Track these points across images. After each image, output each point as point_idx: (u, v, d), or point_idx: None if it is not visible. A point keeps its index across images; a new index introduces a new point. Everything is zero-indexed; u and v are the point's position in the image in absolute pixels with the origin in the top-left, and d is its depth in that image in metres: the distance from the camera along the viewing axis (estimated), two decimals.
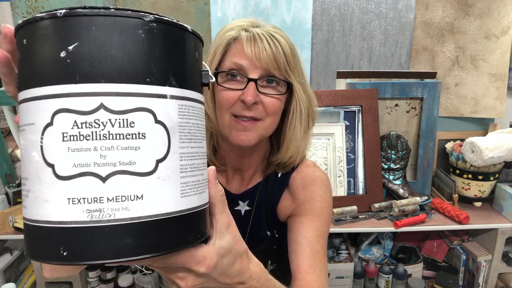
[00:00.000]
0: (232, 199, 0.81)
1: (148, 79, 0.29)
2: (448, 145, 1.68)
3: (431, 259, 1.69)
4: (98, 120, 0.28)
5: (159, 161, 0.30)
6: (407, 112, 1.67)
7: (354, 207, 1.48)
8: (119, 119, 0.29)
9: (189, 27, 0.34)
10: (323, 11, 1.61)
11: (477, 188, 1.54)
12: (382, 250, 1.71)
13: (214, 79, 0.38)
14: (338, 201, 1.50)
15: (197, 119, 0.35)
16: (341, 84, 1.64)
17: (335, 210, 1.44)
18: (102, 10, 0.28)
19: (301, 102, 0.69)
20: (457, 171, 1.56)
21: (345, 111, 1.58)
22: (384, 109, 1.67)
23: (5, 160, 1.63)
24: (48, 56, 0.28)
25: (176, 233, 0.32)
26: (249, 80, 0.64)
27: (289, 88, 0.68)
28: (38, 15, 0.29)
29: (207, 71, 0.37)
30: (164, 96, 0.30)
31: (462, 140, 1.61)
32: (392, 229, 1.43)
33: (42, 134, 0.29)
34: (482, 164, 1.46)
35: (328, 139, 1.56)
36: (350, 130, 1.59)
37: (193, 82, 0.34)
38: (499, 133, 1.54)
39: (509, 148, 1.43)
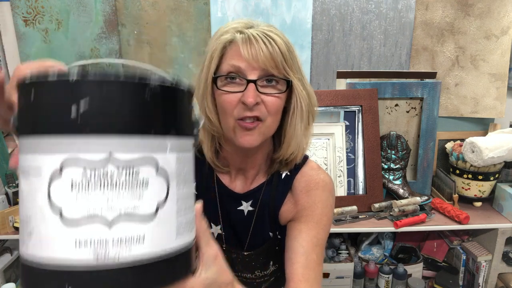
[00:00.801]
0: (235, 199, 0.81)
1: (152, 132, 0.32)
2: (448, 145, 1.68)
3: (431, 259, 1.69)
4: (107, 168, 0.30)
5: (159, 206, 0.33)
6: (407, 112, 1.67)
7: (354, 207, 1.48)
8: (126, 168, 0.31)
9: (186, 86, 0.36)
10: (323, 11, 1.61)
11: (477, 188, 1.54)
12: (382, 250, 1.71)
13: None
14: (338, 201, 1.50)
15: (190, 165, 0.38)
16: (341, 84, 1.64)
17: (335, 210, 1.44)
18: (113, 75, 0.30)
19: (301, 98, 0.69)
20: (457, 171, 1.56)
21: (345, 111, 1.58)
22: (384, 109, 1.67)
23: (5, 160, 1.63)
24: (59, 108, 0.30)
25: (172, 269, 0.34)
26: (248, 81, 0.65)
27: (289, 86, 0.68)
28: (49, 73, 0.30)
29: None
30: (165, 147, 0.33)
31: (462, 140, 1.61)
32: (392, 229, 1.43)
33: (50, 179, 0.30)
34: (482, 164, 1.46)
35: (328, 139, 1.56)
36: (350, 130, 1.59)
37: (188, 131, 0.37)
38: (499, 133, 1.54)
39: (509, 148, 1.43)
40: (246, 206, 0.81)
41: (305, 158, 0.82)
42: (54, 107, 0.30)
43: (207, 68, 0.68)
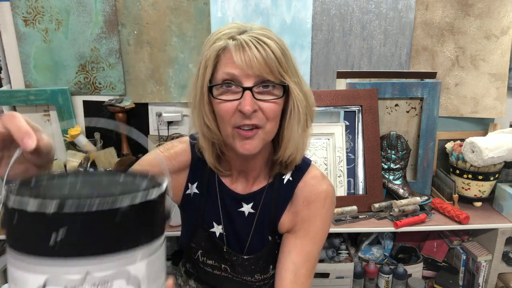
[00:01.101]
0: (236, 200, 0.81)
1: (124, 248, 0.35)
2: (448, 145, 1.67)
3: (431, 259, 1.69)
4: (85, 286, 0.34)
5: None
6: (407, 112, 1.67)
7: (354, 207, 1.48)
8: (101, 284, 0.34)
9: (157, 192, 0.38)
10: (323, 11, 1.61)
11: (477, 188, 1.54)
12: (382, 250, 1.71)
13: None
14: (338, 201, 1.49)
15: (159, 261, 0.40)
16: (341, 84, 1.64)
17: (335, 210, 1.44)
18: (87, 205, 0.33)
19: (298, 102, 0.69)
20: (457, 171, 1.56)
21: (345, 111, 1.58)
22: (384, 109, 1.67)
23: None
24: (39, 235, 0.34)
25: None
26: (244, 89, 0.64)
27: (285, 90, 0.67)
28: (29, 204, 0.33)
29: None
30: (136, 257, 0.36)
31: (462, 140, 1.61)
32: (392, 229, 1.43)
33: None
34: (482, 164, 1.46)
35: (328, 139, 1.56)
36: (350, 130, 1.59)
37: (158, 233, 0.40)
38: (499, 133, 1.54)
39: (509, 148, 1.43)
40: (247, 208, 0.81)
41: (308, 163, 0.82)
42: (34, 234, 0.34)
43: (202, 76, 0.68)
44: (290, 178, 0.80)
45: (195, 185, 0.83)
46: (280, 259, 0.77)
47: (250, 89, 0.64)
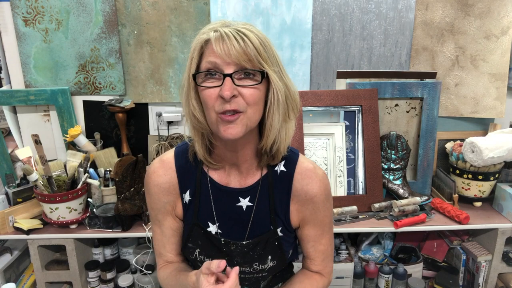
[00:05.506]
0: (232, 195, 0.84)
1: None
2: (448, 145, 1.68)
3: (431, 259, 1.69)
4: None
5: None
6: (407, 112, 1.67)
7: (354, 207, 1.48)
8: None
9: None
10: (323, 11, 1.61)
11: (477, 188, 1.54)
12: (382, 250, 1.71)
13: None
14: (338, 201, 1.50)
15: None
16: (341, 84, 1.64)
17: (335, 210, 1.44)
18: None
19: (277, 89, 0.72)
20: (457, 171, 1.56)
21: (345, 111, 1.58)
22: (384, 109, 1.67)
23: (5, 160, 1.63)
24: None
25: None
26: (225, 75, 0.68)
27: (264, 77, 0.71)
28: None
29: None
30: None
31: (462, 140, 1.61)
32: (392, 229, 1.43)
33: None
34: (482, 164, 1.46)
35: (328, 139, 1.56)
36: (350, 130, 1.59)
37: None
38: (499, 133, 1.54)
39: (509, 148, 1.43)
40: (244, 202, 0.84)
41: (296, 153, 0.86)
42: None
43: (189, 68, 0.73)
44: (284, 169, 0.84)
45: (187, 192, 0.86)
46: (302, 248, 0.92)
47: (230, 75, 0.68)
